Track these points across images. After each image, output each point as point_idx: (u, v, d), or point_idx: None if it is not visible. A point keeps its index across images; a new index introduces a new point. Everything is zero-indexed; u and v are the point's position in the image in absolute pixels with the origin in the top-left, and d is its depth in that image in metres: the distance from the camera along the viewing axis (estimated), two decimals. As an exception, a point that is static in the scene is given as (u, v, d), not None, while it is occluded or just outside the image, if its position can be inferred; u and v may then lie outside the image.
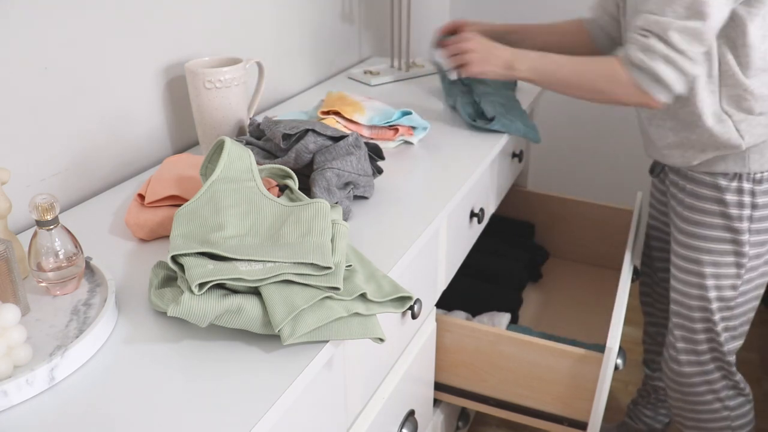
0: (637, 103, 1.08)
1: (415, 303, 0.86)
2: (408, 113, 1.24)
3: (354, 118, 1.22)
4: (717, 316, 1.20)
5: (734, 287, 1.18)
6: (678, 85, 1.05)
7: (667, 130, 1.16)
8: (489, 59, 1.18)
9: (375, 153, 1.05)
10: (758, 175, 1.11)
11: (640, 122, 1.26)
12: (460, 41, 1.23)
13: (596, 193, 2.34)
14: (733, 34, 1.04)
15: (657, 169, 1.35)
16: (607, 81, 1.09)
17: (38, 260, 0.74)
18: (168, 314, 0.66)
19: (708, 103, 1.08)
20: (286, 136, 0.99)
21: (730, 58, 1.06)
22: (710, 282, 1.19)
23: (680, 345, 1.26)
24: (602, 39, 1.36)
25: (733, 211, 1.13)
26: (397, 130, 1.22)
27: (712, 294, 1.19)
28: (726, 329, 1.22)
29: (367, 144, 1.03)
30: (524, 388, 1.17)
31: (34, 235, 0.74)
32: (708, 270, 1.18)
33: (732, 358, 1.25)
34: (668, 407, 1.37)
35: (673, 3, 1.00)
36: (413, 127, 1.24)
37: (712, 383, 1.27)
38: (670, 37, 1.01)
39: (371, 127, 1.23)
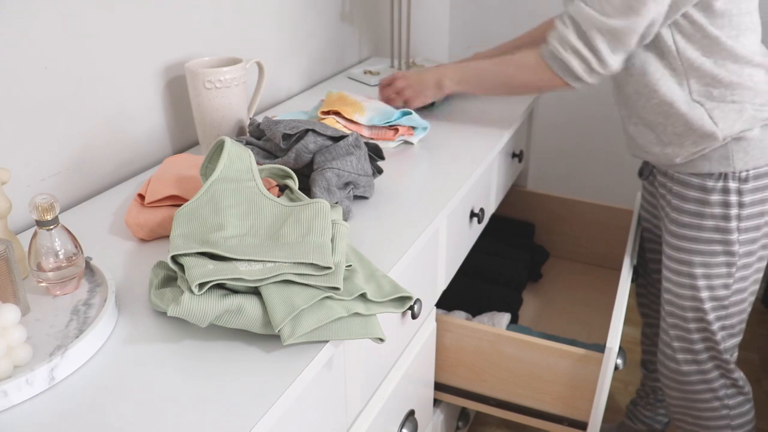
0: (555, 88, 1.14)
1: (415, 303, 0.86)
2: (408, 113, 1.24)
3: (354, 118, 1.22)
4: (711, 316, 1.20)
5: (727, 286, 1.18)
6: (586, 77, 1.09)
7: (644, 126, 1.17)
8: (421, 90, 1.30)
9: (375, 153, 1.05)
10: (743, 174, 1.11)
11: (622, 122, 1.26)
12: (391, 82, 1.35)
13: (596, 193, 2.34)
14: (690, 29, 1.05)
15: (645, 172, 1.35)
16: (526, 71, 1.16)
17: (38, 260, 0.74)
18: (168, 314, 0.66)
19: (678, 95, 1.10)
20: (286, 136, 0.99)
21: (693, 51, 1.06)
22: (701, 282, 1.19)
23: (676, 344, 1.26)
24: None
25: (721, 212, 1.13)
26: (397, 130, 1.22)
27: (704, 294, 1.19)
28: (722, 328, 1.22)
29: (367, 144, 1.03)
30: (524, 388, 1.17)
31: (34, 235, 0.74)
32: (699, 271, 1.18)
33: (729, 356, 1.25)
34: (667, 407, 1.37)
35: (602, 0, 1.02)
36: (413, 127, 1.24)
37: (711, 382, 1.27)
38: (588, 32, 1.03)
39: (371, 127, 1.23)
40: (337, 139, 0.99)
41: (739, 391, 1.29)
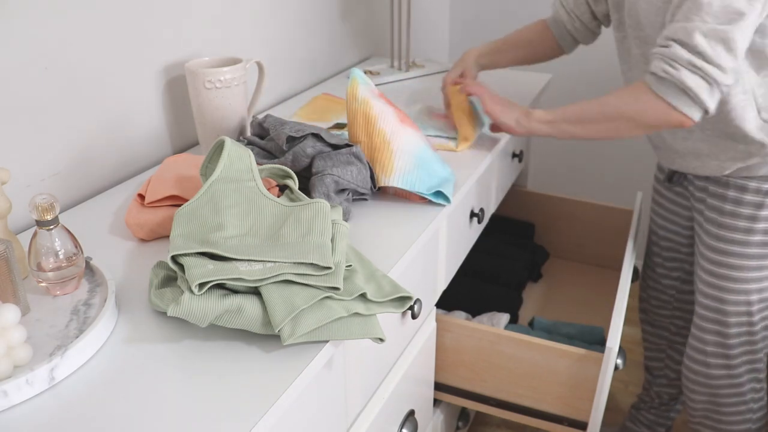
0: (669, 122, 1.00)
1: (415, 303, 0.86)
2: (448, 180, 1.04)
3: (382, 181, 1.00)
4: (757, 317, 1.21)
5: None
6: (707, 96, 0.96)
7: (706, 143, 1.14)
8: (505, 108, 1.14)
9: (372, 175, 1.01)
10: None
11: (660, 137, 1.22)
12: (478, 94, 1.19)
13: (596, 193, 2.34)
14: (763, 42, 1.01)
15: (677, 178, 1.30)
16: (633, 103, 1.01)
17: (38, 260, 0.74)
18: (168, 314, 0.66)
19: (750, 117, 1.06)
20: (290, 139, 0.99)
21: (754, 69, 1.04)
22: (753, 286, 1.19)
23: (710, 349, 1.26)
24: (565, 36, 1.31)
25: None
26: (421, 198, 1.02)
27: (754, 297, 1.20)
28: (765, 328, 1.23)
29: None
30: (524, 388, 1.17)
31: (34, 235, 0.74)
32: (753, 274, 1.18)
33: (763, 356, 1.27)
34: (688, 410, 1.38)
35: (701, 11, 0.93)
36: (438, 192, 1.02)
37: (740, 386, 1.28)
38: (694, 40, 0.93)
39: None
40: (338, 147, 0.99)
41: (762, 396, 1.30)
